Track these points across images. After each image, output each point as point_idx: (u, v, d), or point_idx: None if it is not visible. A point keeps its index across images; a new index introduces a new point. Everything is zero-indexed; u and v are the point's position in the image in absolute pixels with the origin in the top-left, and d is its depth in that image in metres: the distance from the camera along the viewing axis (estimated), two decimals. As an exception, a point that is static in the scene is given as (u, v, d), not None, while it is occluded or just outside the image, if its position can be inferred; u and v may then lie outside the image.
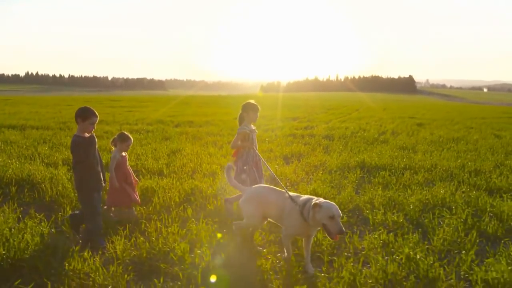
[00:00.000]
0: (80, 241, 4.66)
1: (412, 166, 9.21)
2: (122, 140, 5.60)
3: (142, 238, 4.52)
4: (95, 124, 4.66)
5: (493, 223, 5.34)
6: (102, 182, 4.79)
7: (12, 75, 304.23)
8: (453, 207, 5.96)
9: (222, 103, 49.62)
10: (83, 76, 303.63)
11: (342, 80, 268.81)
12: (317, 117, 28.01)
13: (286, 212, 4.17)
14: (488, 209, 5.92)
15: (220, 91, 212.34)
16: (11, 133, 14.04)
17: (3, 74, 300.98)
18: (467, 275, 3.96)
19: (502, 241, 4.81)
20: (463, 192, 6.91)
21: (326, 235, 3.94)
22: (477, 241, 4.84)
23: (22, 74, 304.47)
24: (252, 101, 5.75)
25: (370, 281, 3.78)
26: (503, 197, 6.66)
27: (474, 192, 6.88)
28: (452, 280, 3.80)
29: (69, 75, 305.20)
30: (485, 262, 4.08)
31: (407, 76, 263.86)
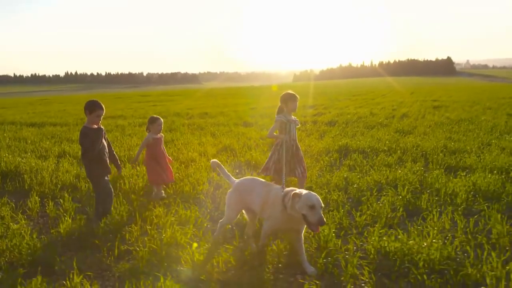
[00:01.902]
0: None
1: (392, 148, 9.30)
2: (151, 122, 6.13)
3: (84, 218, 5.03)
4: (102, 117, 5.02)
5: (428, 198, 5.49)
6: (109, 169, 5.16)
7: (53, 75, 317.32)
8: (400, 185, 6.11)
9: (247, 94, 50.09)
10: (119, 73, 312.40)
11: (377, 65, 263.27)
12: (337, 104, 27.85)
13: (269, 203, 4.03)
14: (435, 186, 6.05)
15: (253, 82, 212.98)
16: (28, 130, 15.00)
17: (44, 75, 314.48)
18: (364, 246, 4.20)
19: (421, 214, 4.99)
20: (424, 171, 7.03)
21: (307, 227, 3.75)
22: (403, 215, 5.05)
23: (62, 74, 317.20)
24: (290, 91, 5.70)
25: (271, 253, 4.09)
26: (460, 174, 6.73)
27: (435, 171, 6.98)
28: (348, 251, 4.05)
29: (106, 72, 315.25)
30: (379, 233, 4.27)
31: (445, 58, 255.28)
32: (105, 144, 5.15)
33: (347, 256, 3.87)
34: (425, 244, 3.95)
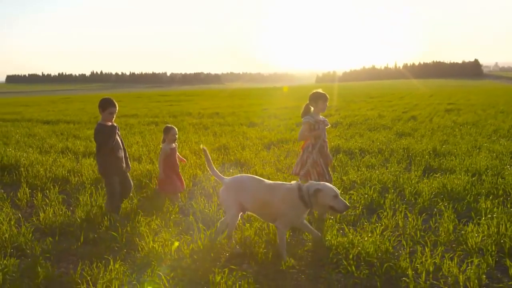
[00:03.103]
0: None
1: (382, 150, 9.45)
2: (166, 132, 6.14)
3: (64, 208, 5.43)
4: (115, 114, 5.17)
5: (393, 198, 5.69)
6: (124, 166, 5.33)
7: (79, 74, 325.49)
8: (370, 185, 6.31)
9: (265, 95, 50.43)
10: (143, 73, 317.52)
11: (401, 67, 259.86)
12: (351, 106, 27.81)
13: (276, 201, 4.06)
14: (405, 187, 6.23)
15: (276, 83, 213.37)
16: (42, 127, 15.68)
17: (71, 74, 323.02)
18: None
19: (376, 213, 5.19)
20: (402, 172, 7.20)
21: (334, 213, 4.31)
22: (363, 212, 5.28)
23: (87, 73, 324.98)
24: (320, 90, 5.35)
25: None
26: (434, 176, 6.88)
27: (413, 172, 7.13)
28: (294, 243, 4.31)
29: (130, 72, 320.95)
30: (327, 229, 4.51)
31: (472, 60, 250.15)
32: (119, 141, 5.29)
33: (289, 248, 4.14)
34: (366, 238, 4.18)
